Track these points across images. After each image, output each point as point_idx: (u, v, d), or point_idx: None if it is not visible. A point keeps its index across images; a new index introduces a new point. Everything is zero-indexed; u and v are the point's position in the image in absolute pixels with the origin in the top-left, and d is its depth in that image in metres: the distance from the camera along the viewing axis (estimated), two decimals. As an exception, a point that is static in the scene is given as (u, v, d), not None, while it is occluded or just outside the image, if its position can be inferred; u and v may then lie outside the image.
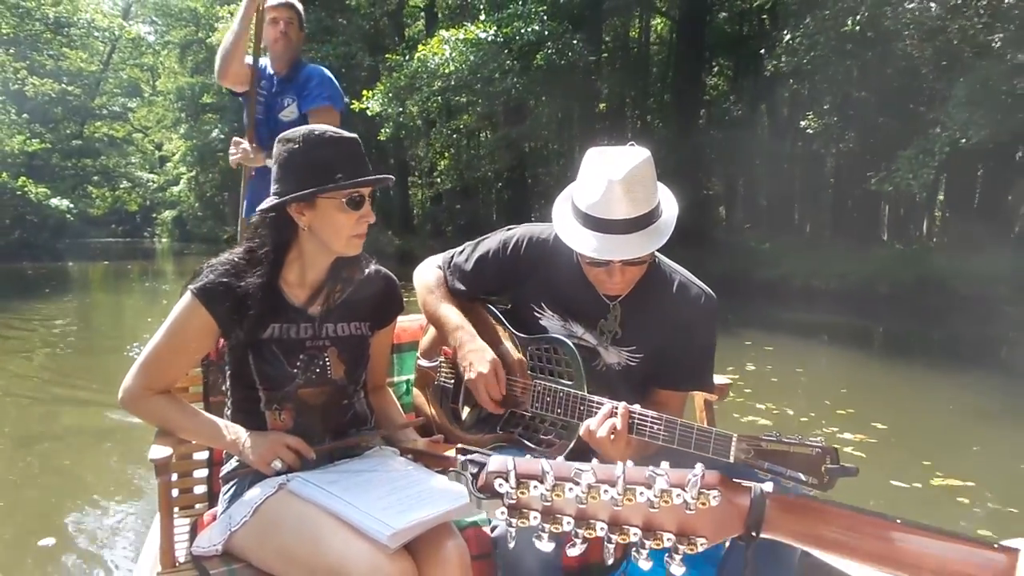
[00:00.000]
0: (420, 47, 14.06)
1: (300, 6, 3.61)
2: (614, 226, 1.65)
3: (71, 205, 26.60)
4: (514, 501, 0.56)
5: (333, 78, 3.65)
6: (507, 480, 0.56)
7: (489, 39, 12.53)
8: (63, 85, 25.82)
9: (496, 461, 0.57)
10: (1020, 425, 5.52)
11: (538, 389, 1.83)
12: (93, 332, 10.68)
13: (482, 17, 13.26)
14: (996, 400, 6.19)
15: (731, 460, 1.55)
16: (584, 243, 1.67)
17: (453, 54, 12.80)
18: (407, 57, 14.67)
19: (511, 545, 0.62)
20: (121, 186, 35.38)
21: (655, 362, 1.87)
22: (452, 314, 1.94)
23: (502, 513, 0.57)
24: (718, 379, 2.05)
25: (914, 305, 9.93)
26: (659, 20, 21.03)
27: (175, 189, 40.77)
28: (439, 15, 16.92)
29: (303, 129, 1.66)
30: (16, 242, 24.69)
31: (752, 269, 13.82)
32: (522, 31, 12.37)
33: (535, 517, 0.57)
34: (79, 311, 13.23)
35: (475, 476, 0.58)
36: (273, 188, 1.68)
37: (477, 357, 1.83)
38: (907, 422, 5.65)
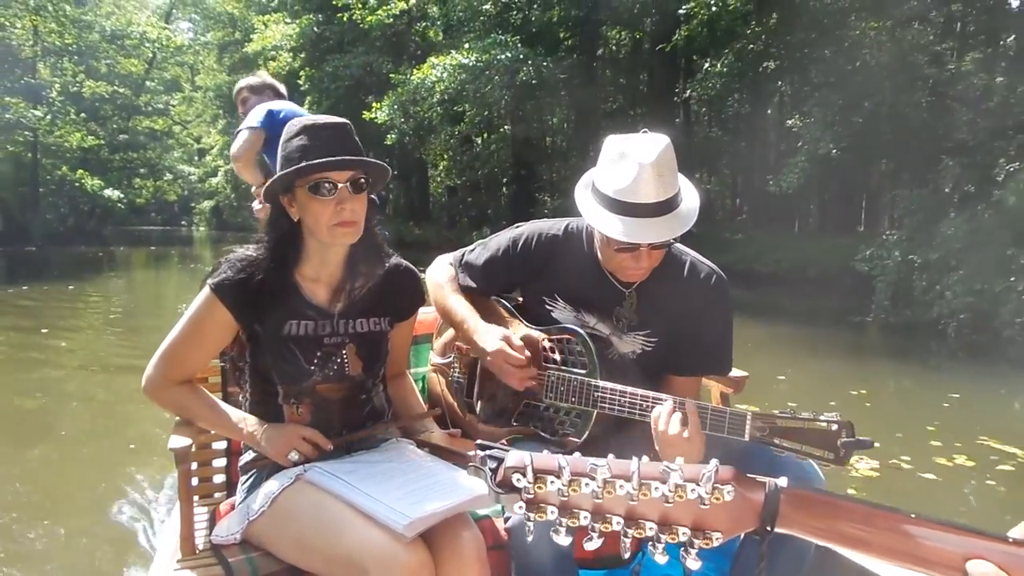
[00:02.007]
0: (415, 71, 16.64)
1: (236, 88, 4.22)
2: (643, 209, 1.66)
3: (121, 195, 29.66)
4: (532, 496, 0.57)
5: (256, 111, 3.83)
6: (524, 475, 0.57)
7: (471, 64, 15.03)
8: (115, 87, 28.67)
9: (514, 456, 0.58)
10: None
11: (551, 379, 1.83)
12: (152, 304, 13.43)
13: (467, 46, 15.80)
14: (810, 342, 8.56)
15: (746, 438, 1.56)
16: (614, 227, 1.68)
17: (444, 75, 15.34)
18: (408, 75, 17.10)
19: (529, 539, 0.65)
20: (164, 178, 38.27)
21: (670, 346, 1.86)
22: (461, 306, 1.95)
23: (520, 507, 0.58)
24: (734, 372, 2.02)
25: (828, 285, 12.06)
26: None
27: (213, 181, 43.50)
28: (452, 25, 19.43)
29: (294, 120, 1.68)
30: (71, 228, 27.42)
31: (709, 256, 16.08)
32: (499, 57, 14.84)
33: (552, 511, 0.57)
34: (137, 287, 16.09)
35: (493, 471, 0.59)
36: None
37: (492, 337, 1.82)
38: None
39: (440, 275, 2.06)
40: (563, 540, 0.59)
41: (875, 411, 5.77)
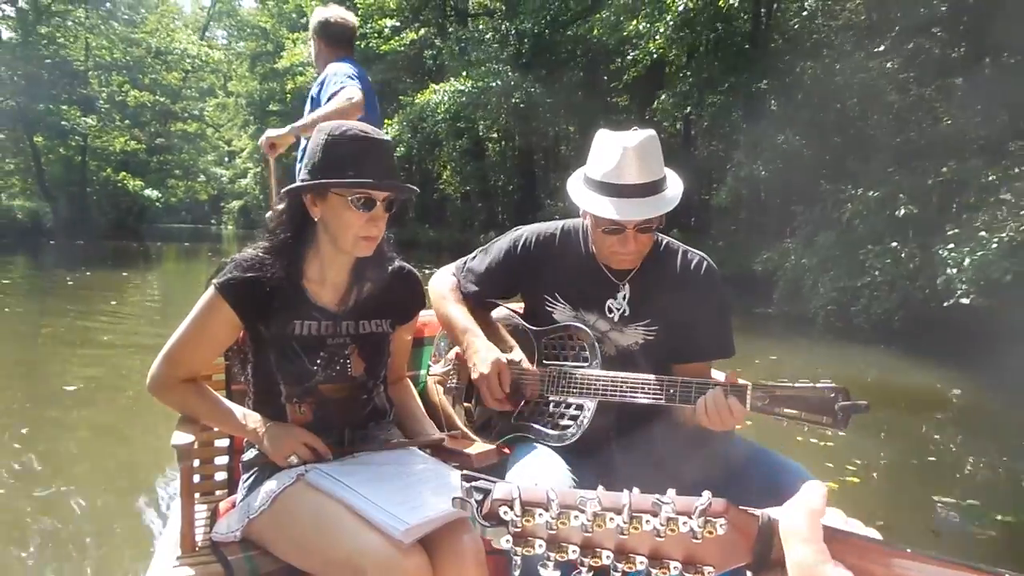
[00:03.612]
0: (419, 95, 19.09)
1: (312, 22, 3.73)
2: (628, 190, 1.76)
3: (159, 195, 32.54)
4: (519, 529, 0.56)
5: (347, 68, 3.49)
6: (512, 508, 0.56)
7: (467, 90, 17.46)
8: (156, 97, 31.46)
9: (501, 488, 0.57)
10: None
11: (552, 374, 1.89)
12: (192, 288, 15.88)
13: (464, 73, 18.25)
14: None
15: (747, 409, 1.63)
16: (601, 208, 1.77)
17: (444, 98, 17.81)
18: (414, 98, 19.71)
19: (516, 575, 0.60)
20: (198, 179, 41.14)
21: (673, 335, 1.93)
22: (462, 317, 2.00)
23: (507, 541, 0.57)
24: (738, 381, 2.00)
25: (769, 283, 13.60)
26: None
27: (242, 182, 46.09)
28: (457, 51, 21.97)
29: (336, 122, 1.69)
30: (112, 225, 29.80)
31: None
32: (491, 84, 17.25)
33: (540, 545, 0.57)
34: (180, 276, 18.63)
35: (479, 503, 0.58)
36: (299, 175, 1.70)
37: (482, 357, 1.88)
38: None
39: (442, 286, 2.11)
40: (551, 575, 0.57)
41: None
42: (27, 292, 12.78)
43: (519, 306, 2.16)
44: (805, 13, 14.77)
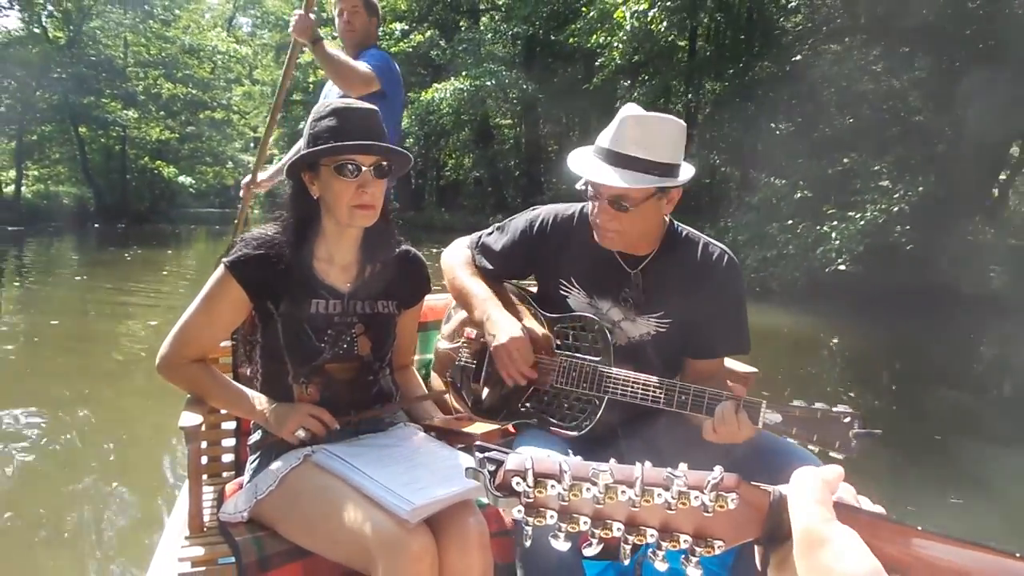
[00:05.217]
0: (424, 92, 21.17)
1: None
2: (612, 157, 1.73)
3: (192, 181, 35.00)
4: (531, 500, 0.57)
5: (385, 60, 3.52)
6: (524, 479, 0.57)
7: (466, 88, 19.61)
8: (188, 89, 33.21)
9: (514, 459, 0.57)
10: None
11: (563, 365, 1.88)
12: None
13: (463, 74, 20.35)
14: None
15: (760, 427, 1.61)
16: (581, 166, 1.76)
17: (446, 95, 19.98)
18: (419, 95, 21.67)
19: (527, 544, 0.60)
20: (227, 167, 43.63)
21: (687, 329, 1.89)
22: (480, 288, 1.98)
23: (519, 512, 0.57)
24: (743, 368, 2.07)
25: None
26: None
27: (268, 168, 49.01)
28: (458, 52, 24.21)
29: (322, 102, 1.76)
30: (147, 209, 32.12)
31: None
32: (487, 83, 19.39)
33: (552, 516, 0.57)
34: (209, 255, 21.24)
35: (492, 474, 0.58)
36: None
37: (506, 325, 1.86)
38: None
39: (456, 258, 2.12)
40: (561, 546, 0.57)
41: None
42: (96, 266, 15.29)
43: (531, 285, 2.17)
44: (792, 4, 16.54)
